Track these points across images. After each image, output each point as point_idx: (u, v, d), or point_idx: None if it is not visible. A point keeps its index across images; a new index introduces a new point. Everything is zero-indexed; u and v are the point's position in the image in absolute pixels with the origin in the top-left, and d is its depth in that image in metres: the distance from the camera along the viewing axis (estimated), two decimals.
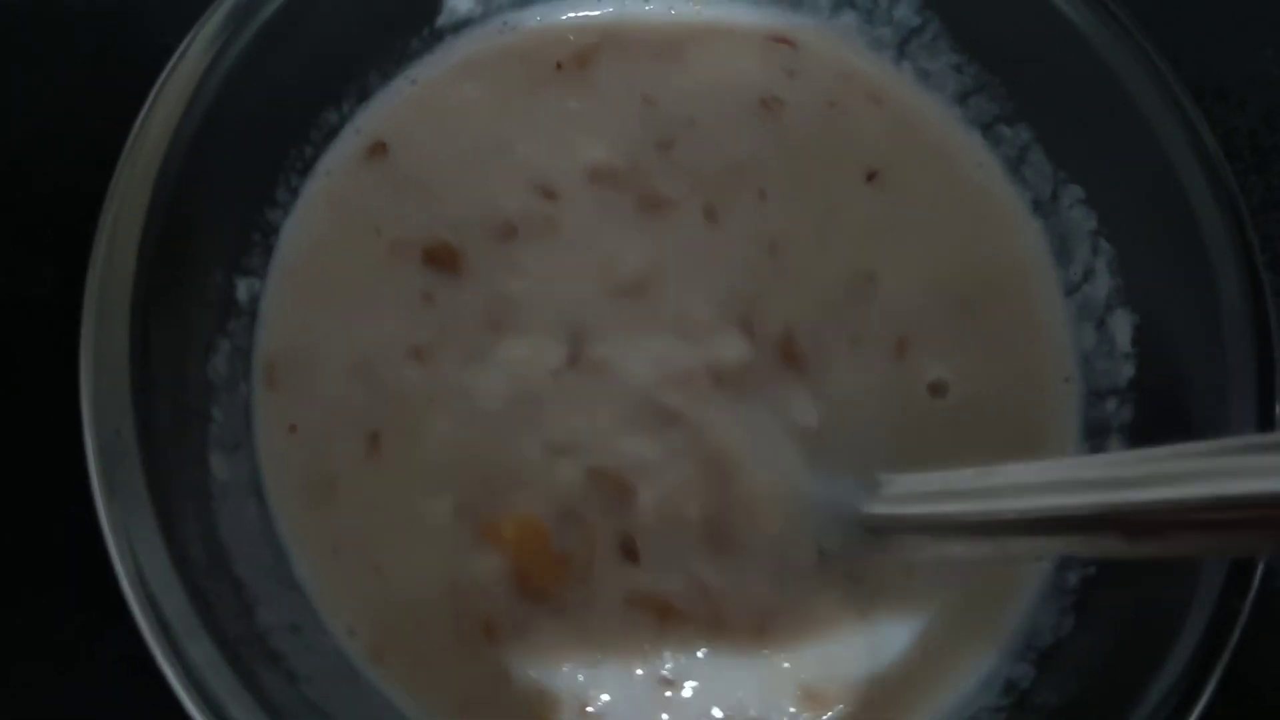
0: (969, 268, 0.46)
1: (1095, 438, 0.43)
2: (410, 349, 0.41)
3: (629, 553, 0.39)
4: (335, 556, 0.39)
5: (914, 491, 0.37)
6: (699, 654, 0.38)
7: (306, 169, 0.44)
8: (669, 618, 0.38)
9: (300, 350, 0.42)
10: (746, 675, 0.39)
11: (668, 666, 0.38)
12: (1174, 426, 0.40)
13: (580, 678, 0.38)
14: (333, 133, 0.45)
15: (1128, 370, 0.43)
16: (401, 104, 0.47)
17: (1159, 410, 0.41)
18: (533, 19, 0.48)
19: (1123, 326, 0.43)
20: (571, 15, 0.49)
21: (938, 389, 0.43)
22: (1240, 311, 0.38)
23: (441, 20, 0.47)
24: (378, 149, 0.45)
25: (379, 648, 0.38)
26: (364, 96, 0.46)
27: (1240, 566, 0.34)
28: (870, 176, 0.46)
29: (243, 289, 0.41)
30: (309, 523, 0.39)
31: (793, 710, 0.39)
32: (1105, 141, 0.43)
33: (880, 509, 0.38)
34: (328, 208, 0.44)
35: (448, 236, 0.43)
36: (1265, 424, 0.36)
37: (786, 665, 0.39)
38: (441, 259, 0.43)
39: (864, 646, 0.40)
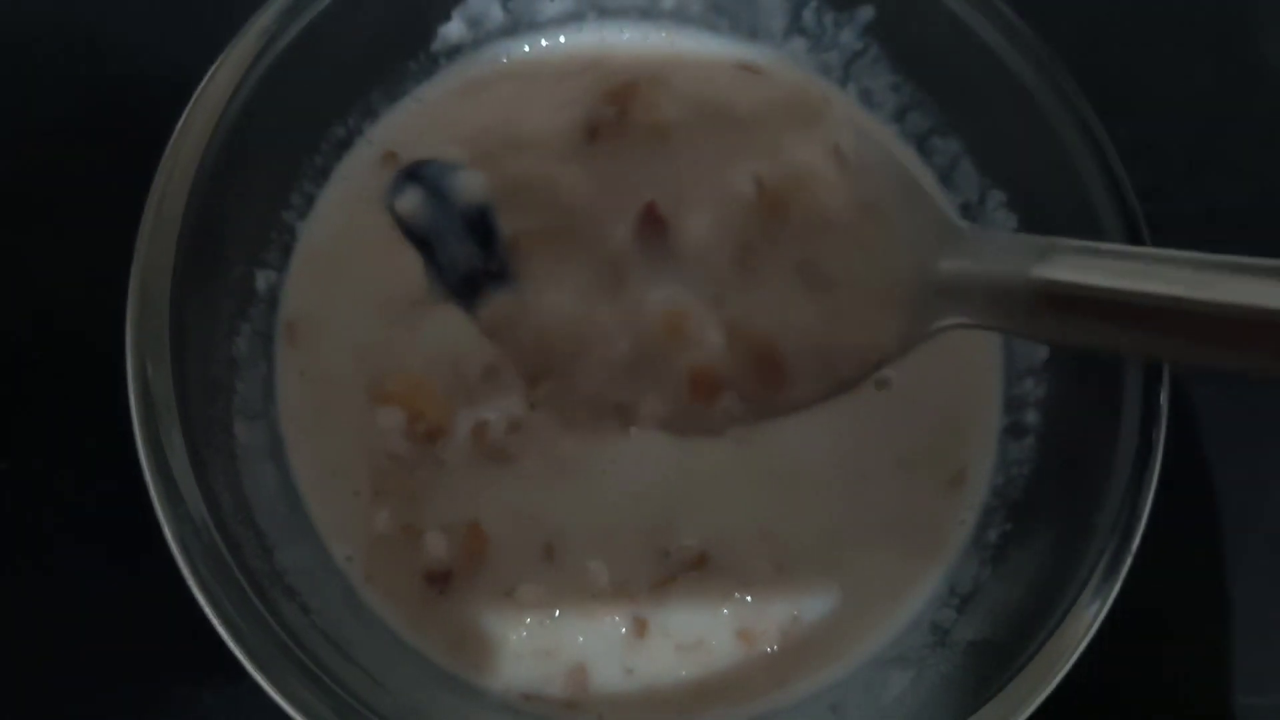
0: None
1: (1014, 413, 0.47)
2: (411, 303, 0.46)
3: None
4: (334, 478, 0.44)
5: (1102, 262, 0.32)
6: None
7: (319, 176, 0.48)
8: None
9: (316, 314, 0.46)
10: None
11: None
12: (1082, 401, 0.44)
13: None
14: (342, 145, 0.49)
15: (1042, 353, 0.47)
16: (409, 119, 0.50)
17: (1069, 386, 0.45)
18: (521, 48, 0.52)
19: None
20: (558, 42, 0.53)
21: (881, 383, 0.46)
22: None
23: (436, 45, 0.50)
24: (389, 157, 0.49)
25: (369, 571, 0.43)
26: (370, 113, 0.49)
27: (1125, 531, 0.39)
28: None
29: (261, 280, 0.45)
30: (312, 450, 0.44)
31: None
32: (1023, 151, 0.47)
33: (1065, 275, 0.32)
34: (347, 204, 0.48)
35: None
36: (1150, 402, 0.40)
37: (725, 611, 0.44)
38: None
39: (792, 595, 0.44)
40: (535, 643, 0.43)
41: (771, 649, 0.44)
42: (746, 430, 0.45)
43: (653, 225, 0.31)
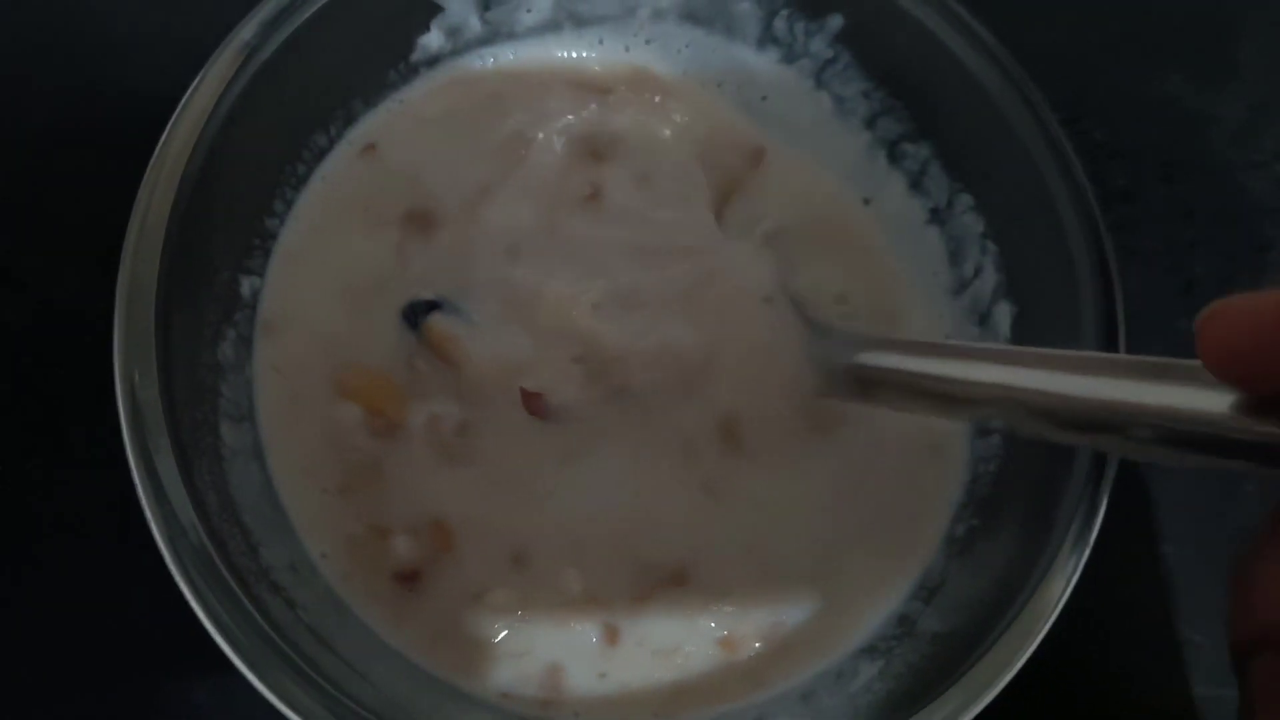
0: (883, 277, 0.52)
1: None
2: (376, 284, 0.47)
3: None
4: (305, 477, 0.44)
5: (899, 347, 0.43)
6: None
7: (301, 183, 0.48)
8: None
9: (289, 308, 0.47)
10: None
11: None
12: None
13: None
14: (324, 152, 0.49)
15: None
16: (390, 119, 0.51)
17: None
18: (492, 55, 0.53)
19: (1003, 317, 0.48)
20: (537, 47, 0.54)
21: None
22: (1095, 302, 0.43)
23: (416, 56, 0.51)
24: (368, 149, 0.50)
25: (345, 569, 0.43)
26: (350, 121, 0.50)
27: (1083, 523, 0.40)
28: None
29: (246, 286, 0.46)
30: (285, 442, 0.44)
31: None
32: (990, 156, 0.48)
33: (868, 360, 0.42)
34: (323, 199, 0.49)
35: (427, 204, 0.49)
36: None
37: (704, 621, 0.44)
38: (418, 220, 0.48)
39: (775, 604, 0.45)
40: (508, 644, 0.43)
41: (752, 654, 0.44)
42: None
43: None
